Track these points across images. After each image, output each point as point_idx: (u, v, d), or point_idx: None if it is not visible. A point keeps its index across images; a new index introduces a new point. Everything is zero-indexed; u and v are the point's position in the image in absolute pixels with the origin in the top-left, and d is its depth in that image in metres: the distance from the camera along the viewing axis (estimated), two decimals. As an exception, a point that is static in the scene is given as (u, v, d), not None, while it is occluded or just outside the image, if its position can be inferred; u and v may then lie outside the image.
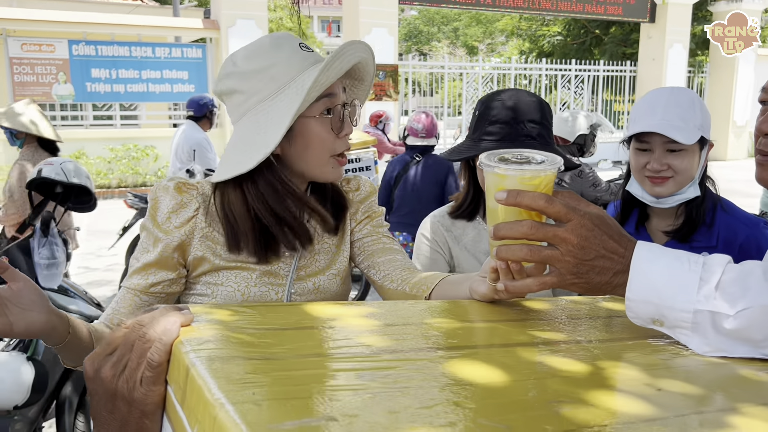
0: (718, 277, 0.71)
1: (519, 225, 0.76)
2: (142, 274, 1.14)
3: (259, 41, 1.16)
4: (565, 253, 0.75)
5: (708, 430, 0.51)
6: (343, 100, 1.17)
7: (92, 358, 0.64)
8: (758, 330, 0.69)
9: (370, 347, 0.65)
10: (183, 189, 1.16)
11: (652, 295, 0.73)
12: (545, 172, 0.78)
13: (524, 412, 0.52)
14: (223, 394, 0.49)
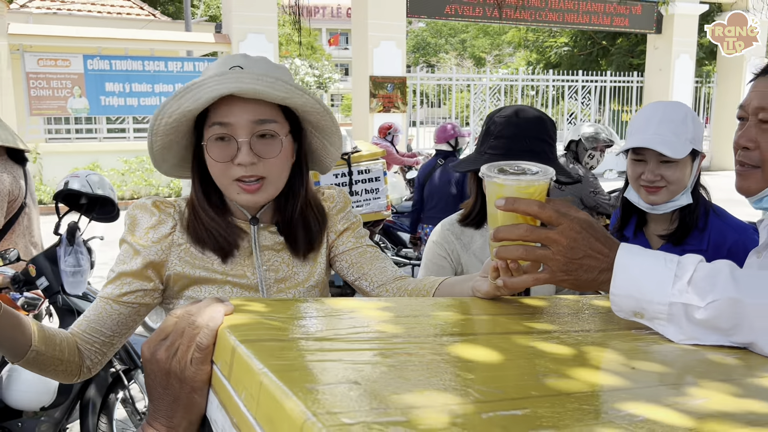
0: (690, 274, 0.81)
1: (516, 228, 0.87)
2: (116, 284, 1.22)
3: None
4: (555, 253, 0.85)
5: (670, 398, 0.61)
6: (251, 130, 1.15)
7: (148, 343, 0.75)
8: (725, 320, 0.79)
9: (385, 332, 0.75)
10: (161, 207, 1.25)
11: (633, 290, 0.83)
12: (539, 182, 0.89)
13: (515, 381, 0.62)
14: (265, 365, 0.59)
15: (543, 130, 1.57)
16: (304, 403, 0.51)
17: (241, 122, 1.14)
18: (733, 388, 0.66)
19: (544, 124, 1.58)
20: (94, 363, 1.20)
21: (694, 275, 0.81)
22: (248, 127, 1.15)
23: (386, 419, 0.50)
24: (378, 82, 12.21)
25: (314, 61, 30.99)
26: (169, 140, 1.20)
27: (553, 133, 1.60)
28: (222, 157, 1.16)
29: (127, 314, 1.22)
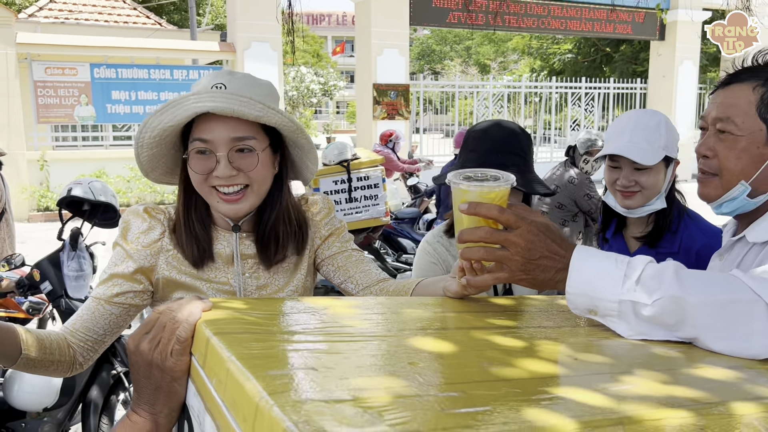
0: (638, 273, 0.87)
1: (477, 230, 0.93)
2: (108, 285, 1.28)
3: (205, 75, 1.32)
4: (514, 254, 0.91)
5: (600, 384, 0.67)
6: (230, 146, 1.21)
7: (133, 336, 0.81)
8: (670, 316, 0.85)
9: (351, 327, 0.82)
10: (151, 213, 1.32)
11: (587, 289, 0.89)
12: (499, 188, 0.95)
13: (460, 369, 0.68)
14: (233, 353, 0.66)
15: (515, 145, 1.61)
16: (261, 385, 0.57)
17: (220, 138, 1.20)
18: (665, 377, 0.72)
19: (517, 138, 1.62)
20: (85, 359, 1.26)
21: (642, 275, 0.87)
22: (227, 142, 1.21)
23: (333, 398, 0.56)
24: (381, 89, 12.30)
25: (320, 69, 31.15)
26: (154, 152, 1.28)
27: (526, 146, 1.64)
28: (202, 170, 1.22)
29: (117, 314, 1.29)
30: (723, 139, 1.17)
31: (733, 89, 1.19)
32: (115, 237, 1.33)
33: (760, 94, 1.15)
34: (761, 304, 0.82)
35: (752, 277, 0.85)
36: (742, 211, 1.21)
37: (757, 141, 1.15)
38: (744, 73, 1.19)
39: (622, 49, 18.02)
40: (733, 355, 0.82)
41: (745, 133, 1.15)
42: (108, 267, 1.31)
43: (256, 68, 11.44)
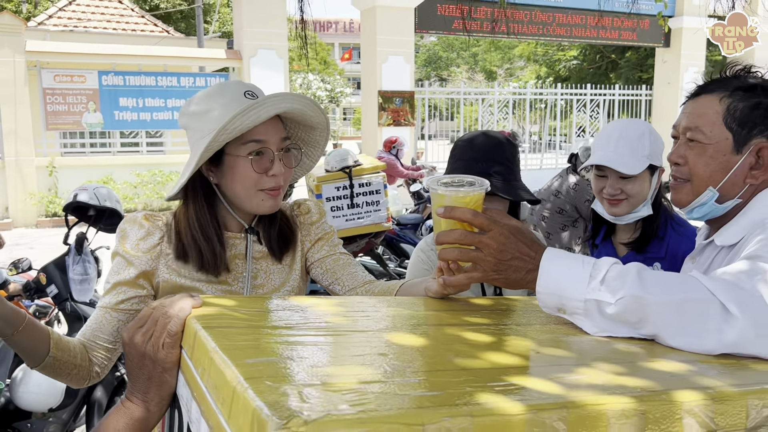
0: (603, 274, 0.93)
1: (452, 233, 0.99)
2: (112, 294, 1.33)
3: (212, 87, 1.36)
4: (487, 255, 0.97)
5: (555, 374, 0.72)
6: (279, 146, 1.31)
7: (128, 330, 0.87)
8: (632, 314, 0.90)
9: (331, 323, 0.87)
10: (150, 219, 1.37)
11: (555, 288, 0.94)
12: (473, 193, 1.01)
13: (425, 360, 0.74)
14: (217, 344, 0.72)
15: (500, 154, 1.66)
16: (239, 372, 0.63)
17: (273, 139, 1.31)
18: (619, 369, 0.77)
19: (501, 147, 1.67)
20: (102, 368, 1.31)
21: (606, 275, 0.93)
22: (278, 143, 1.32)
23: (303, 383, 0.62)
24: (387, 96, 12.38)
25: (327, 76, 31.32)
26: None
27: (510, 155, 1.68)
28: (260, 169, 1.30)
29: (125, 320, 1.33)
30: (692, 147, 1.23)
31: (701, 100, 1.24)
32: (113, 247, 1.37)
33: (726, 104, 1.20)
34: (716, 303, 0.87)
35: (709, 278, 0.91)
36: (712, 216, 1.26)
37: (723, 149, 1.20)
38: (712, 84, 1.25)
39: (627, 56, 18.05)
40: (689, 350, 0.87)
41: (712, 141, 1.21)
42: (110, 276, 1.35)
43: (262, 75, 11.55)
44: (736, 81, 1.23)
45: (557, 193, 4.43)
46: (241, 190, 1.32)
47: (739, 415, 0.71)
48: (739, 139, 1.19)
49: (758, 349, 0.86)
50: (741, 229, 1.20)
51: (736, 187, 1.21)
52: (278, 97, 1.28)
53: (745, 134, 1.19)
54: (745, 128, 1.19)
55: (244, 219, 1.39)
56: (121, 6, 16.36)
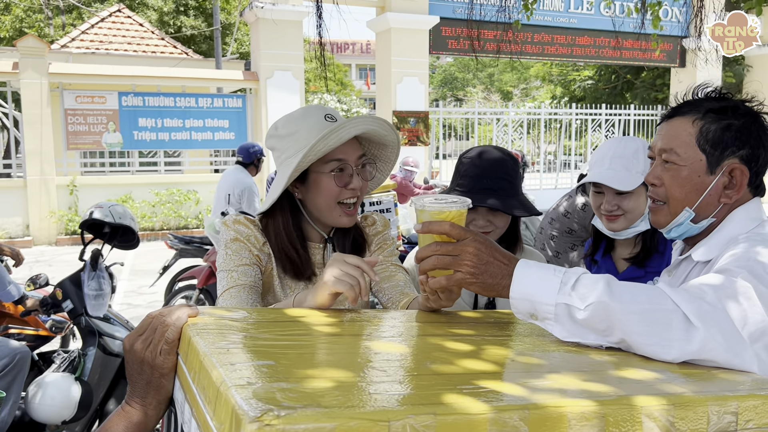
0: (574, 281, 0.97)
1: (428, 246, 1.04)
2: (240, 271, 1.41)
3: (296, 111, 1.50)
4: (464, 259, 1.02)
5: (524, 379, 0.77)
6: (356, 162, 1.46)
7: (129, 337, 0.93)
8: (600, 321, 0.94)
9: (321, 332, 0.92)
10: (253, 222, 1.49)
11: (528, 293, 0.98)
12: (452, 209, 1.06)
13: (403, 365, 0.79)
14: (206, 349, 0.77)
15: (502, 170, 1.72)
16: (224, 373, 0.69)
17: (352, 156, 1.45)
18: (587, 376, 0.81)
19: (504, 164, 1.73)
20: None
21: (577, 282, 0.97)
22: (356, 160, 1.46)
23: (282, 384, 0.67)
24: (402, 116, 12.49)
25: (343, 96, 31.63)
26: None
27: (512, 172, 1.74)
28: (342, 184, 1.44)
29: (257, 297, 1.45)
30: (668, 168, 1.26)
31: (675, 122, 1.27)
32: (227, 240, 1.46)
33: (698, 126, 1.23)
34: (679, 313, 0.91)
35: (674, 290, 0.95)
36: (688, 235, 1.29)
37: (697, 170, 1.23)
38: (685, 106, 1.28)
39: (642, 76, 18.05)
40: (655, 358, 0.91)
41: (687, 163, 1.23)
42: (226, 264, 1.43)
43: (278, 96, 11.72)
44: (708, 103, 1.26)
45: (566, 213, 4.45)
46: (323, 204, 1.45)
47: (700, 420, 0.75)
48: (713, 160, 1.22)
49: (719, 358, 0.90)
50: (716, 246, 1.23)
51: (710, 207, 1.24)
52: (356, 121, 1.42)
53: (717, 155, 1.22)
54: (717, 149, 1.22)
55: (324, 230, 1.53)
56: (142, 29, 16.72)
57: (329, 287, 1.11)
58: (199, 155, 13.15)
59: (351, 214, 1.47)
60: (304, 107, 1.50)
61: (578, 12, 13.77)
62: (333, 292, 1.12)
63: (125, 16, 16.80)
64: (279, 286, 1.47)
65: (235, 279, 1.41)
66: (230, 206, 5.23)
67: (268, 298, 1.47)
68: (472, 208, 1.69)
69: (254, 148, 5.71)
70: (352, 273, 1.13)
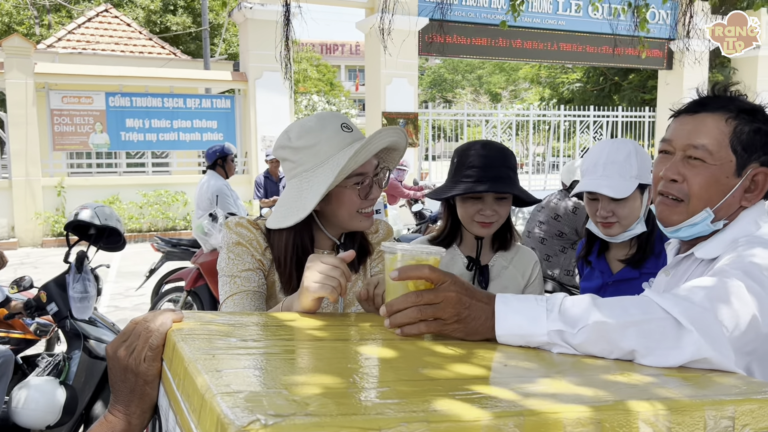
0: (559, 306, 0.94)
1: (407, 297, 0.95)
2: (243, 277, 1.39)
3: (309, 120, 1.46)
4: (446, 306, 0.95)
5: (516, 384, 0.75)
6: (373, 172, 1.47)
7: (112, 344, 0.90)
8: (596, 342, 0.91)
9: (309, 336, 0.90)
10: (256, 225, 1.47)
11: (516, 329, 0.94)
12: (429, 257, 1.02)
13: (395, 370, 0.77)
14: (191, 355, 0.75)
15: (507, 160, 1.76)
16: (209, 380, 0.66)
17: (370, 168, 1.46)
18: (581, 380, 0.80)
19: (507, 155, 1.77)
20: None
21: (562, 307, 0.94)
22: (373, 170, 1.47)
23: (268, 390, 0.65)
24: (391, 117, 12.47)
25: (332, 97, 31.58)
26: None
27: (514, 163, 1.79)
28: (362, 196, 1.46)
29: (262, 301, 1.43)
30: (694, 165, 1.20)
31: (704, 118, 1.21)
32: (228, 243, 1.44)
33: (732, 126, 1.18)
34: (671, 320, 0.90)
35: (662, 296, 0.94)
36: (699, 235, 1.24)
37: (726, 171, 1.19)
38: (713, 102, 1.22)
39: (630, 78, 18.15)
40: (658, 367, 0.90)
41: (717, 162, 1.18)
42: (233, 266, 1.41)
43: (267, 97, 11.68)
44: (737, 102, 1.21)
45: (556, 216, 4.46)
46: (345, 214, 1.46)
47: (696, 425, 0.74)
48: (741, 163, 1.18)
49: (714, 360, 0.89)
50: (720, 245, 1.20)
51: (729, 209, 1.21)
52: (380, 135, 1.43)
53: (746, 158, 1.18)
54: (747, 152, 1.18)
55: (335, 236, 1.53)
56: (129, 29, 16.60)
57: (311, 293, 1.09)
58: (187, 156, 13.06)
59: (369, 215, 1.50)
60: (317, 115, 1.47)
61: (566, 14, 13.82)
62: (316, 298, 1.09)
63: (112, 16, 16.68)
64: (281, 292, 1.45)
65: (239, 285, 1.38)
66: (218, 207, 5.19)
67: (270, 304, 1.45)
68: (479, 198, 1.73)
69: (213, 148, 5.66)
70: (331, 274, 1.10)
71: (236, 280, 1.39)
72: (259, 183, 7.22)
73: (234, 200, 5.53)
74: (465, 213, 1.77)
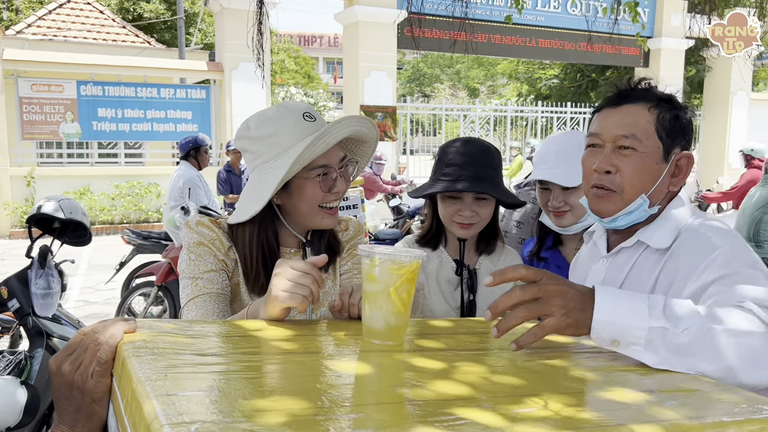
0: (662, 304, 0.92)
1: (510, 295, 0.92)
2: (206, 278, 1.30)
3: (269, 110, 1.38)
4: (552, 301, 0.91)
5: (505, 406, 0.68)
6: (339, 165, 1.38)
7: (56, 358, 0.82)
8: (701, 345, 0.88)
9: (274, 348, 0.82)
10: (217, 224, 1.37)
11: (614, 316, 0.91)
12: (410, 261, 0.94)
13: (369, 391, 0.69)
14: (141, 374, 0.66)
15: (489, 159, 1.69)
16: (157, 407, 0.58)
17: (335, 160, 1.37)
18: (572, 400, 0.73)
19: (490, 153, 1.70)
20: None
21: (666, 305, 0.91)
22: (338, 162, 1.38)
23: (226, 420, 0.57)
24: (369, 111, 12.37)
25: (310, 90, 31.32)
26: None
27: (497, 162, 1.72)
28: (326, 188, 1.36)
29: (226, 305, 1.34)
30: (625, 155, 1.22)
31: (628, 109, 1.24)
32: (190, 244, 1.34)
33: (655, 114, 1.22)
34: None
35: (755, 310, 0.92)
36: (635, 222, 1.26)
37: (655, 158, 1.22)
38: (633, 93, 1.26)
39: (607, 75, 18.25)
40: (762, 385, 0.86)
41: (647, 150, 1.21)
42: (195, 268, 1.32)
43: (243, 88, 11.49)
44: (654, 92, 1.26)
45: (534, 199, 4.42)
46: (306, 208, 1.37)
47: (696, 451, 0.68)
48: (666, 149, 1.23)
49: None
50: (669, 233, 1.22)
51: (660, 195, 1.24)
52: (340, 124, 1.34)
53: (670, 144, 1.23)
54: (670, 138, 1.23)
55: (301, 234, 1.44)
56: (102, 16, 16.23)
57: (279, 302, 0.99)
58: (161, 147, 12.80)
59: (333, 214, 1.41)
60: (277, 105, 1.38)
61: (545, 10, 13.83)
62: (285, 307, 1.01)
63: (84, 2, 16.28)
64: (246, 294, 1.36)
65: (201, 287, 1.29)
66: (190, 200, 5.06)
67: (235, 305, 1.36)
68: (458, 198, 1.66)
69: (186, 139, 5.53)
70: (302, 282, 1.00)
71: (198, 282, 1.30)
72: (222, 178, 6.85)
73: (206, 192, 5.40)
74: (445, 213, 1.71)
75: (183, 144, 5.51)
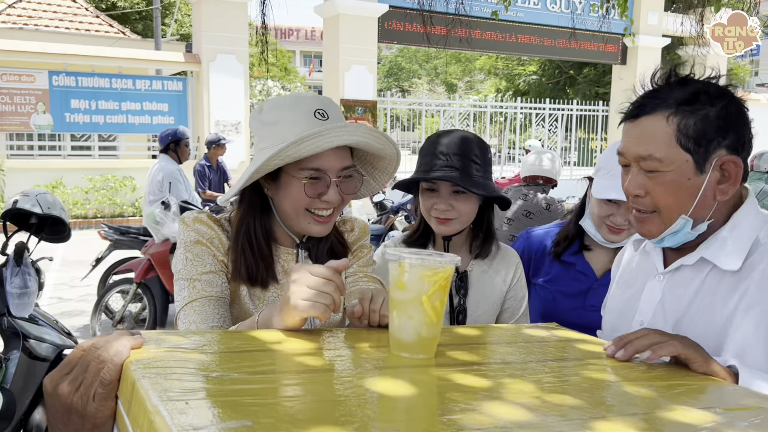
0: None
1: (645, 338, 0.96)
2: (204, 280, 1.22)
3: (285, 97, 1.29)
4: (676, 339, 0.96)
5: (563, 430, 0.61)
6: (338, 173, 1.25)
7: (51, 377, 0.72)
8: None
9: (300, 366, 0.74)
10: (216, 221, 1.29)
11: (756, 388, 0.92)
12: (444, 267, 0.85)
13: (416, 417, 0.61)
14: (158, 402, 0.58)
15: (468, 149, 1.57)
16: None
17: (332, 167, 1.25)
18: (638, 422, 0.66)
19: (468, 142, 1.58)
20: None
21: None
22: (337, 171, 1.26)
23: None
24: (349, 105, 12.25)
25: (287, 83, 31.04)
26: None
27: (480, 153, 1.59)
28: (313, 195, 1.24)
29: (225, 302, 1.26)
30: (651, 177, 1.09)
31: (644, 122, 1.10)
32: (185, 244, 1.26)
33: (675, 124, 1.07)
34: None
35: None
36: (687, 241, 1.14)
37: (685, 173, 1.07)
38: (649, 102, 1.10)
39: (585, 72, 18.37)
40: None
41: (671, 167, 1.07)
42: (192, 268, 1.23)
43: (221, 80, 11.29)
44: (675, 93, 1.09)
45: (528, 213, 4.35)
46: (290, 209, 1.28)
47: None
48: (699, 158, 1.07)
49: None
50: (740, 249, 1.10)
51: (707, 209, 1.10)
52: (343, 130, 1.22)
53: (703, 152, 1.06)
54: (702, 145, 1.06)
55: (296, 234, 1.34)
56: (75, 5, 15.83)
57: (299, 312, 0.90)
58: (136, 140, 12.53)
59: (323, 222, 1.28)
60: (296, 94, 1.29)
61: (525, 6, 13.84)
62: (304, 317, 0.92)
63: (57, -9, 15.87)
64: (247, 296, 1.26)
65: (200, 290, 1.20)
66: (170, 195, 4.92)
67: (234, 309, 1.26)
68: (434, 191, 1.56)
69: (166, 132, 5.37)
70: (324, 290, 0.92)
71: (196, 284, 1.21)
72: (201, 173, 6.56)
73: (186, 187, 5.26)
74: (423, 207, 1.61)
75: (163, 137, 5.35)
